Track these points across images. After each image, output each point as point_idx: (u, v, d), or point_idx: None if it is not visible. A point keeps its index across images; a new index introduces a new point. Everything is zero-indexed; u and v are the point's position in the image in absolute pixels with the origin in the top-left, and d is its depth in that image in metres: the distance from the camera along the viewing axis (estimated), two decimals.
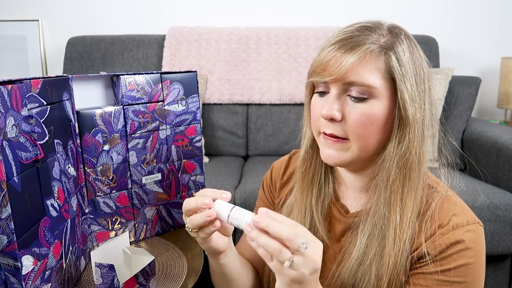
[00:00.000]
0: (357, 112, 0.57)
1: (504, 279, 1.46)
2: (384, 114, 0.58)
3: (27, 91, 0.51)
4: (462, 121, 1.78)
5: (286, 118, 1.89)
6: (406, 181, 0.59)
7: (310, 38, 1.93)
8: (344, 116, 0.58)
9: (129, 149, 0.76)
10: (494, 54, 2.20)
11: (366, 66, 0.56)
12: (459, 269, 0.56)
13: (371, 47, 0.57)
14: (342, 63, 0.56)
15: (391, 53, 0.57)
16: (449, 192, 0.61)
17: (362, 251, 0.60)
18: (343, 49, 0.57)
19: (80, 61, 1.97)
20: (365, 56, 0.56)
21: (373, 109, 0.57)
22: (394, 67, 0.57)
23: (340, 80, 0.57)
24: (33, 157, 0.52)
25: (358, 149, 0.59)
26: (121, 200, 0.77)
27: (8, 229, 0.46)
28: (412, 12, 2.16)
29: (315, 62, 0.60)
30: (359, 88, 0.57)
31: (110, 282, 0.55)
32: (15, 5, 2.14)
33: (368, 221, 0.61)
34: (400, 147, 0.58)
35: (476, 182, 1.51)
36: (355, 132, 0.58)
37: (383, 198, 0.59)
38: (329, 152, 0.61)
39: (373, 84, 0.56)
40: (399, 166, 0.59)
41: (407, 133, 0.58)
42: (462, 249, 0.56)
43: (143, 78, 0.77)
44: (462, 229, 0.57)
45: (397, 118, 0.58)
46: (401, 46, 0.58)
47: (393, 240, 0.57)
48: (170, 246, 0.80)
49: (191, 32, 1.95)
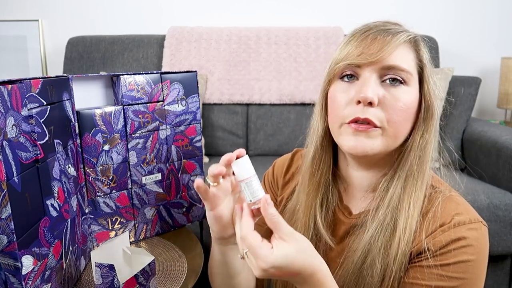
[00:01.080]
0: (394, 98, 0.57)
1: (504, 279, 1.46)
2: (415, 102, 0.59)
3: (27, 91, 0.51)
4: (462, 121, 1.78)
5: (286, 118, 1.89)
6: (420, 173, 0.60)
7: (310, 38, 1.93)
8: (380, 102, 0.57)
9: (129, 149, 0.76)
10: (494, 54, 2.20)
11: (405, 53, 0.58)
12: (458, 265, 0.55)
13: (408, 35, 0.59)
14: (383, 47, 0.57)
15: (421, 46, 0.60)
16: (452, 192, 0.61)
17: (368, 245, 0.60)
18: (382, 34, 0.58)
19: (80, 61, 1.97)
20: (402, 43, 0.58)
21: (407, 95, 0.58)
22: (425, 59, 0.60)
23: (378, 63, 0.57)
24: (33, 157, 0.52)
25: (390, 138, 0.58)
26: (121, 200, 0.77)
27: (8, 229, 0.46)
28: (412, 12, 2.16)
29: (345, 50, 0.59)
30: (399, 72, 0.57)
31: (110, 282, 0.55)
32: (15, 5, 2.14)
33: (378, 214, 0.60)
34: (423, 139, 0.59)
35: (476, 182, 1.51)
36: (391, 120, 0.57)
37: (399, 189, 0.60)
38: (356, 140, 0.58)
39: (411, 70, 0.58)
40: (420, 157, 0.60)
41: (430, 125, 0.60)
42: (463, 246, 0.55)
43: (143, 78, 0.77)
44: (464, 227, 0.56)
45: (424, 109, 0.59)
46: (422, 43, 0.61)
47: (404, 229, 0.57)
48: (170, 246, 0.80)
49: (191, 32, 1.95)
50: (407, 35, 0.59)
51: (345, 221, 0.66)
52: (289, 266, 0.50)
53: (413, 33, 0.61)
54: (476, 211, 0.60)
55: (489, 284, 1.46)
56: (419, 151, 0.60)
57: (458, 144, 1.78)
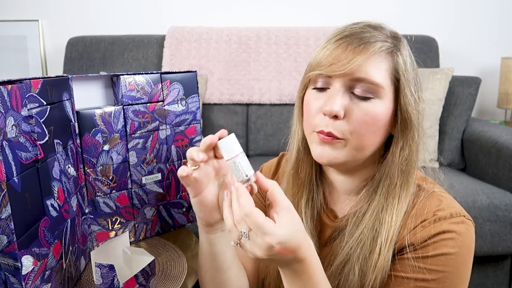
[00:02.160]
0: (361, 111, 0.56)
1: (504, 279, 1.46)
2: (385, 115, 0.57)
3: (27, 91, 0.51)
4: (462, 121, 1.78)
5: (286, 118, 1.89)
6: (404, 185, 0.59)
7: (310, 38, 1.93)
8: (346, 114, 0.57)
9: (129, 149, 0.76)
10: (494, 54, 2.20)
11: (376, 64, 0.56)
12: (438, 257, 0.55)
13: (382, 45, 0.56)
14: (353, 58, 0.55)
15: (397, 55, 0.57)
16: (436, 189, 0.60)
17: (348, 252, 0.60)
18: (354, 44, 0.56)
19: (80, 61, 1.97)
20: (375, 54, 0.56)
21: (377, 109, 0.56)
22: (400, 69, 0.57)
23: (348, 75, 0.56)
24: (33, 157, 0.52)
25: (353, 149, 0.58)
26: (121, 200, 0.77)
27: (8, 229, 0.46)
28: (412, 12, 2.16)
29: (319, 56, 0.58)
30: (366, 85, 0.56)
31: (110, 282, 0.55)
32: (15, 5, 2.14)
33: (360, 223, 0.60)
34: (403, 151, 0.58)
35: (476, 182, 1.51)
36: (355, 132, 0.57)
37: (382, 200, 0.59)
38: (322, 150, 0.59)
39: (381, 83, 0.56)
40: (401, 170, 0.58)
41: (410, 137, 0.58)
42: (443, 239, 0.55)
43: (143, 78, 0.77)
44: (445, 222, 0.56)
45: (400, 121, 0.57)
46: (404, 50, 0.58)
47: (385, 240, 0.57)
48: (170, 246, 0.80)
49: (191, 32, 1.95)
50: (380, 46, 0.56)
51: (330, 225, 0.66)
52: (291, 241, 0.48)
53: (391, 40, 0.58)
54: (476, 211, 0.60)
55: (489, 284, 1.46)
56: (400, 164, 0.58)
57: (458, 144, 1.78)
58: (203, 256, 0.66)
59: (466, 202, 1.33)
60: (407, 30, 1.72)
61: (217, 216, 0.62)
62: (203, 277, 0.68)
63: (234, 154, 0.55)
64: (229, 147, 0.55)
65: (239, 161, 0.54)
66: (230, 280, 0.67)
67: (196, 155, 0.56)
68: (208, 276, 0.67)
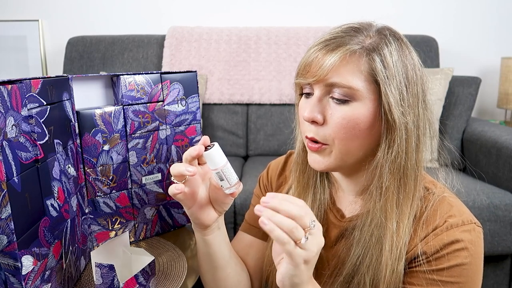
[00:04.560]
0: (338, 115, 0.56)
1: (504, 279, 1.46)
2: (367, 118, 0.56)
3: (27, 91, 0.51)
4: (462, 121, 1.78)
5: (286, 118, 1.89)
6: (401, 188, 0.57)
7: (310, 38, 1.93)
8: (325, 119, 0.57)
9: (129, 149, 0.76)
10: (494, 54, 2.20)
11: (348, 67, 0.55)
12: (452, 269, 0.55)
13: (353, 47, 0.55)
14: (323, 64, 0.55)
15: (374, 54, 0.55)
16: (446, 193, 0.60)
17: (357, 261, 0.59)
18: (325, 49, 0.56)
19: (80, 61, 1.97)
20: (346, 57, 0.55)
21: (356, 112, 0.56)
22: (377, 69, 0.54)
23: (322, 81, 0.56)
24: (33, 157, 0.52)
25: (340, 154, 0.58)
26: (121, 200, 0.77)
27: (8, 229, 0.46)
28: (412, 12, 2.16)
29: (300, 64, 0.60)
30: (341, 89, 0.55)
31: (110, 282, 0.55)
32: (15, 5, 2.14)
33: (364, 229, 0.59)
34: (390, 153, 0.56)
35: (476, 182, 1.51)
36: (336, 136, 0.57)
37: (379, 205, 0.58)
38: (314, 158, 0.60)
39: (355, 86, 0.55)
40: (392, 172, 0.57)
41: (396, 137, 0.56)
42: (457, 249, 0.55)
43: (143, 78, 0.77)
44: (457, 230, 0.55)
45: (384, 122, 0.56)
46: (387, 48, 0.56)
47: (390, 248, 0.56)
48: (170, 246, 0.80)
49: (191, 32, 1.95)
50: (353, 48, 0.55)
51: (336, 224, 0.66)
52: None
53: (372, 40, 0.56)
54: (476, 211, 0.59)
55: (489, 284, 1.46)
56: (389, 165, 0.57)
57: (458, 144, 1.78)
58: (201, 256, 0.68)
59: (466, 202, 1.32)
60: (407, 30, 1.72)
61: (213, 215, 0.63)
62: (204, 276, 0.69)
63: (220, 164, 0.56)
64: (215, 158, 0.56)
65: (225, 171, 0.55)
66: (230, 277, 0.68)
67: (185, 171, 0.57)
68: (208, 275, 0.69)
